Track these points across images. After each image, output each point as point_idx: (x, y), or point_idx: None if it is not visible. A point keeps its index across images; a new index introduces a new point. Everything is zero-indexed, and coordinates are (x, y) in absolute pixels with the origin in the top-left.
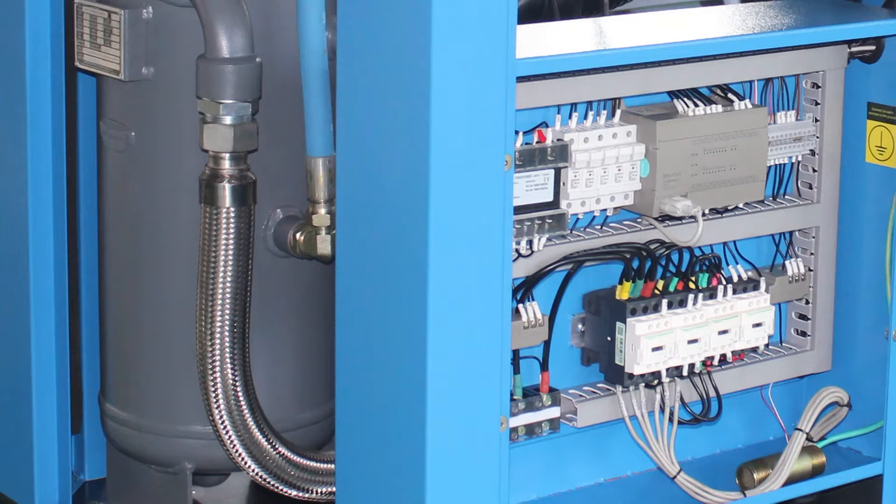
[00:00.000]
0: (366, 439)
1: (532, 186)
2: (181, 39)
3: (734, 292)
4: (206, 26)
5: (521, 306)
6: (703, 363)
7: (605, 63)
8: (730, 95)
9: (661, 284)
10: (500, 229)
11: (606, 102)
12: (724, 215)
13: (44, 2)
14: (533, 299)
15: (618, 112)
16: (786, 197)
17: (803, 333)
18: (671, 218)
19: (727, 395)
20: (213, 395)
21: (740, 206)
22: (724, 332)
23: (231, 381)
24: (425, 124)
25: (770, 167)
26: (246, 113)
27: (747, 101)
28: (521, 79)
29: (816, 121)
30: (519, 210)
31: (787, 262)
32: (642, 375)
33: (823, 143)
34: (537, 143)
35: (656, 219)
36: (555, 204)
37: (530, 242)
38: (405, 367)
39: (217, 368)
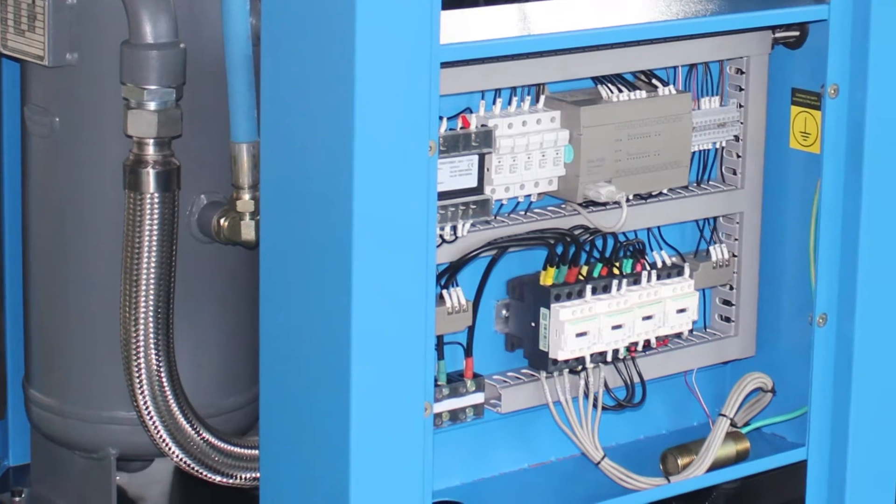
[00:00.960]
0: (290, 425)
1: (456, 172)
2: (105, 25)
3: (658, 278)
4: (130, 12)
5: (445, 292)
6: (627, 349)
7: (529, 49)
8: (654, 81)
9: (585, 270)
10: (424, 215)
11: (530, 88)
12: (648, 201)
13: None
14: (457, 285)
15: (542, 98)
16: (710, 182)
17: (727, 319)
18: (595, 203)
19: (651, 380)
20: (137, 380)
21: (664, 191)
22: (648, 317)
23: (155, 367)
24: (349, 110)
25: (694, 153)
26: (170, 98)
27: (671, 86)
28: (445, 64)
29: (740, 106)
30: (443, 196)
31: (711, 248)
32: (566, 361)
33: (747, 128)
34: (461, 128)
35: (580, 204)
36: (479, 189)
37: (454, 228)
38: (329, 353)
39: (141, 354)
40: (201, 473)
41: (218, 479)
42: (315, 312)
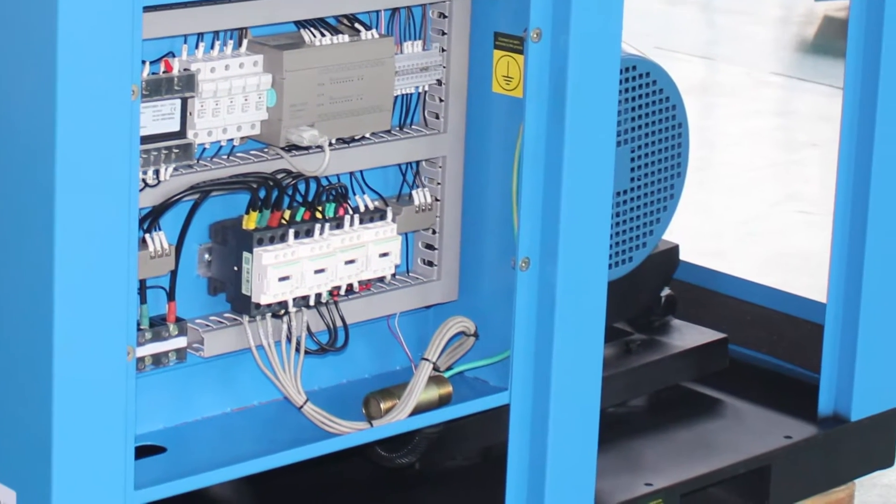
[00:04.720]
0: None
1: (159, 116)
2: None
3: (361, 222)
4: None
5: (147, 236)
6: (330, 293)
7: None
8: (357, 25)
9: (287, 214)
10: (126, 159)
11: (233, 32)
12: (350, 145)
13: None
14: (160, 229)
15: (245, 42)
16: (413, 127)
17: (430, 263)
18: (298, 148)
19: (354, 324)
20: None
21: (367, 135)
22: (351, 261)
23: None
24: (52, 54)
25: (397, 97)
26: None
27: (374, 31)
28: (147, 8)
29: (443, 51)
30: (146, 140)
31: (413, 192)
32: (269, 305)
33: (450, 73)
34: (164, 73)
35: (283, 149)
36: (181, 134)
37: (157, 172)
38: (31, 297)
39: None
40: None
41: None
42: (17, 256)
